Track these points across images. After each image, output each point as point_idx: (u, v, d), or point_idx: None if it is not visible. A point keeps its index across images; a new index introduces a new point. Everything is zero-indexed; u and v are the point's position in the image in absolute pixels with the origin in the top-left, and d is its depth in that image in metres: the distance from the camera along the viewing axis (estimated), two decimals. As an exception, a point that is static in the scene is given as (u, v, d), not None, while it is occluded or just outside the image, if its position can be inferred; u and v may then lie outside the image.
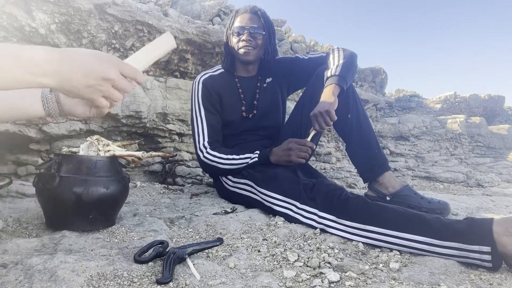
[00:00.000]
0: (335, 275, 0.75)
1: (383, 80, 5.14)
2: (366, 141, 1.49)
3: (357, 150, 1.52)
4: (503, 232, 0.82)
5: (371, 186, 1.51)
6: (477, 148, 4.91)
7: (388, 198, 1.43)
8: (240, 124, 1.61)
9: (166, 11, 2.46)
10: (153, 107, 2.05)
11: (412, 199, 1.39)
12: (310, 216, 1.12)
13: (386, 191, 1.45)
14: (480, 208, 1.72)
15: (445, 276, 0.78)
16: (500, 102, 6.17)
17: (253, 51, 1.53)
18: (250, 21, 1.52)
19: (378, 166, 1.48)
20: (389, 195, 1.43)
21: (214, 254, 0.88)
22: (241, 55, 1.53)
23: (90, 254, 0.80)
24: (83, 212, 0.96)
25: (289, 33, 3.89)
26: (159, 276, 0.71)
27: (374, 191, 1.49)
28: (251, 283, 0.70)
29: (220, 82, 1.59)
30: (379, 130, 4.15)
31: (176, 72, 2.36)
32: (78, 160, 0.97)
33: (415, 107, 5.53)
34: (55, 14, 1.75)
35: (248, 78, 1.64)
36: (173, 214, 1.25)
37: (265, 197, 1.28)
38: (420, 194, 1.44)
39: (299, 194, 1.17)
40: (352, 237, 1.01)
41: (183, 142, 2.29)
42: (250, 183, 1.37)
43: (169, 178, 2.15)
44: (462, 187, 3.46)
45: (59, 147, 1.78)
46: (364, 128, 1.49)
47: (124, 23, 1.99)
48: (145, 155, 1.11)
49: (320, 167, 3.27)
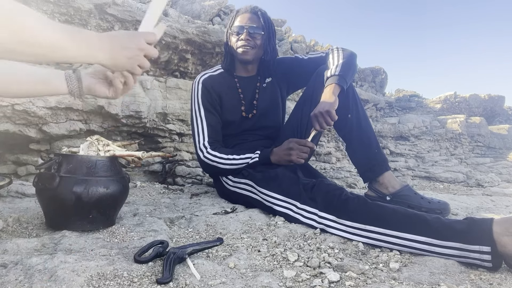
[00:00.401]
0: (335, 275, 0.75)
1: (383, 80, 5.13)
2: (366, 141, 1.49)
3: (357, 150, 1.52)
4: (503, 232, 0.82)
5: (371, 186, 1.51)
6: (477, 148, 4.91)
7: (388, 198, 1.43)
8: (240, 124, 1.61)
9: (166, 11, 2.46)
10: (153, 107, 2.05)
11: (412, 199, 1.39)
12: (310, 216, 1.12)
13: (386, 191, 1.45)
14: (480, 208, 1.72)
15: (445, 276, 0.78)
16: (500, 102, 6.17)
17: (251, 50, 1.53)
18: (250, 21, 1.52)
19: (378, 166, 1.48)
20: (389, 195, 1.43)
21: (214, 254, 0.88)
22: (240, 54, 1.53)
23: (90, 254, 0.80)
24: (83, 212, 0.96)
25: (289, 33, 3.89)
26: (159, 276, 0.71)
27: (374, 191, 1.49)
28: (251, 283, 0.70)
29: (219, 82, 1.59)
30: (379, 130, 4.15)
31: (176, 72, 2.36)
32: (78, 160, 0.97)
33: (415, 107, 5.53)
34: (55, 14, 1.75)
35: (247, 78, 1.64)
36: (173, 214, 1.25)
37: (265, 197, 1.28)
38: (420, 194, 1.44)
39: (299, 194, 1.17)
40: (352, 237, 1.01)
41: (183, 142, 2.29)
42: (251, 183, 1.37)
43: (169, 178, 2.15)
44: (462, 187, 3.46)
45: (59, 147, 1.78)
46: (364, 128, 1.49)
47: (124, 23, 1.99)
48: (145, 155, 1.11)
49: (320, 167, 3.27)
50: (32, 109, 1.60)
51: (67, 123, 1.77)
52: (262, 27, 1.52)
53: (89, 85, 0.87)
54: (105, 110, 1.83)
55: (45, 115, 1.66)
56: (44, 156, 1.80)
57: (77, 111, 1.79)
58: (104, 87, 0.87)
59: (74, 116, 1.80)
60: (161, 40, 2.18)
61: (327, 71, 1.42)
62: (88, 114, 1.84)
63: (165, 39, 2.17)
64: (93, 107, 1.81)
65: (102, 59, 0.72)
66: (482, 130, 4.88)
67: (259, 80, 1.65)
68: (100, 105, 1.81)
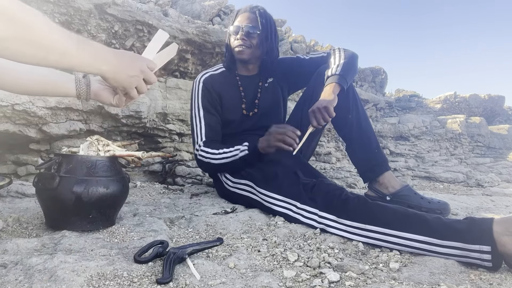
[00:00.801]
0: (335, 275, 0.75)
1: (383, 80, 5.13)
2: (366, 141, 1.49)
3: (357, 150, 1.52)
4: (503, 232, 0.82)
5: (371, 186, 1.51)
6: (477, 148, 4.91)
7: (388, 198, 1.43)
8: (241, 123, 1.61)
9: (166, 11, 2.46)
10: (153, 107, 2.05)
11: (412, 199, 1.39)
12: (311, 216, 1.12)
13: (386, 191, 1.45)
14: (480, 208, 1.72)
15: (445, 276, 0.78)
16: (500, 102, 6.17)
17: (247, 50, 1.53)
18: (247, 20, 1.52)
19: (378, 166, 1.48)
20: (389, 195, 1.43)
21: (214, 254, 0.88)
22: (236, 53, 1.55)
23: (90, 254, 0.80)
24: (83, 212, 0.96)
25: (289, 33, 3.89)
26: (159, 276, 0.71)
27: (374, 191, 1.49)
28: (251, 283, 0.70)
29: (220, 81, 1.60)
30: (379, 130, 4.15)
31: (176, 72, 2.36)
32: (78, 160, 0.97)
33: (415, 107, 5.53)
34: (55, 14, 1.75)
35: (249, 77, 1.65)
36: (173, 214, 1.25)
37: (265, 198, 1.28)
38: (420, 194, 1.44)
39: (299, 194, 1.17)
40: (352, 236, 1.01)
41: (183, 142, 2.29)
42: (250, 183, 1.37)
43: (169, 178, 2.15)
44: (462, 187, 3.46)
45: (59, 147, 1.78)
46: (364, 128, 1.49)
47: (124, 23, 1.99)
48: (145, 155, 1.11)
49: (320, 167, 3.27)
50: (32, 109, 1.60)
51: (67, 123, 1.77)
52: (258, 26, 1.52)
53: (97, 90, 0.91)
54: (105, 110, 1.83)
55: (45, 115, 1.66)
56: (44, 156, 1.80)
57: (77, 111, 1.79)
58: (110, 95, 0.91)
59: (74, 116, 1.80)
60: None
61: (327, 70, 1.42)
62: (88, 114, 1.84)
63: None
64: (93, 107, 1.81)
65: (105, 71, 0.74)
66: (482, 130, 4.88)
67: (261, 80, 1.65)
68: (100, 105, 1.81)
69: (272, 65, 1.63)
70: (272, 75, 1.66)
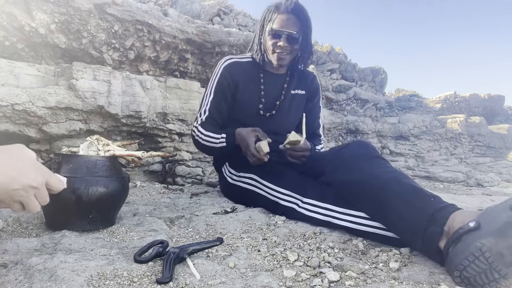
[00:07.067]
0: (335, 275, 0.75)
1: (383, 79, 5.14)
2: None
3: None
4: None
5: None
6: (477, 147, 4.91)
7: None
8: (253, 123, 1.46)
9: (166, 10, 2.46)
10: (153, 107, 2.05)
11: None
12: (316, 209, 1.12)
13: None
14: (480, 208, 1.72)
15: (445, 276, 0.78)
16: (500, 101, 6.18)
17: (288, 56, 1.46)
18: (290, 25, 1.40)
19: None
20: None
21: (214, 253, 0.88)
22: (276, 59, 1.45)
23: (90, 254, 0.80)
24: (83, 212, 0.96)
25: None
26: (159, 275, 0.71)
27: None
28: (251, 283, 0.70)
29: (243, 71, 1.54)
30: (379, 130, 4.16)
31: (176, 71, 2.36)
32: (78, 160, 0.97)
33: (415, 106, 5.54)
34: (55, 13, 1.75)
35: (274, 75, 1.57)
36: (173, 214, 1.25)
37: (270, 191, 1.28)
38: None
39: (305, 188, 1.18)
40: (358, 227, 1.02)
41: (183, 142, 2.29)
42: (255, 177, 1.37)
43: (169, 178, 2.15)
44: (462, 186, 3.47)
45: (59, 147, 1.78)
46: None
47: (124, 22, 1.99)
48: (145, 155, 1.11)
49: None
50: (32, 109, 1.60)
51: (67, 123, 1.77)
52: (301, 30, 1.43)
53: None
54: (105, 110, 1.83)
55: (45, 115, 1.66)
56: (44, 156, 1.80)
57: (77, 111, 1.79)
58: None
59: (74, 116, 1.80)
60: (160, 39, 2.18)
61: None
62: (88, 114, 1.84)
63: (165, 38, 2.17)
64: (93, 107, 1.81)
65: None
66: (482, 129, 4.88)
67: (287, 81, 1.58)
68: (100, 105, 1.81)
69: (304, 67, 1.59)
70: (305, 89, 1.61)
